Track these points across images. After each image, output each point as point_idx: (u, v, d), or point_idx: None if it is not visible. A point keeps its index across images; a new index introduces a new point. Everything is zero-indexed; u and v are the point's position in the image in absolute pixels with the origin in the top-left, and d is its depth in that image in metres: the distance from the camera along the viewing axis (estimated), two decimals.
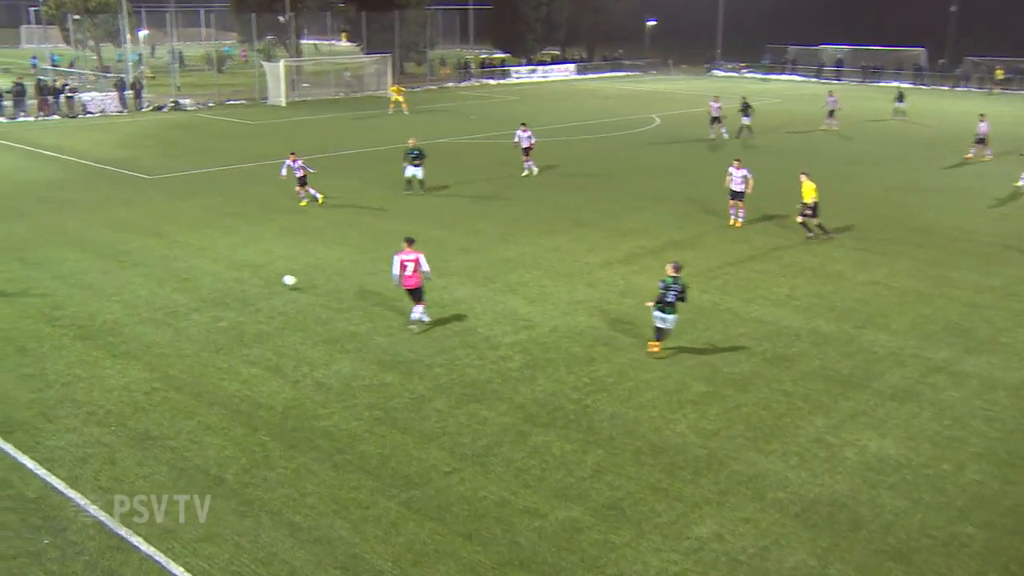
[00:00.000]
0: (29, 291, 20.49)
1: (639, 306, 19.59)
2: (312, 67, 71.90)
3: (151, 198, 30.38)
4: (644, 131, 47.84)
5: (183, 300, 19.93)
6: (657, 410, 14.84)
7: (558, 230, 26.40)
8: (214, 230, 26.09)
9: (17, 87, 52.36)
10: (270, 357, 16.79)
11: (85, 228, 26.26)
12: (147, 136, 44.72)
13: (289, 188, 30.11)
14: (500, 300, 20.15)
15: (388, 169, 35.33)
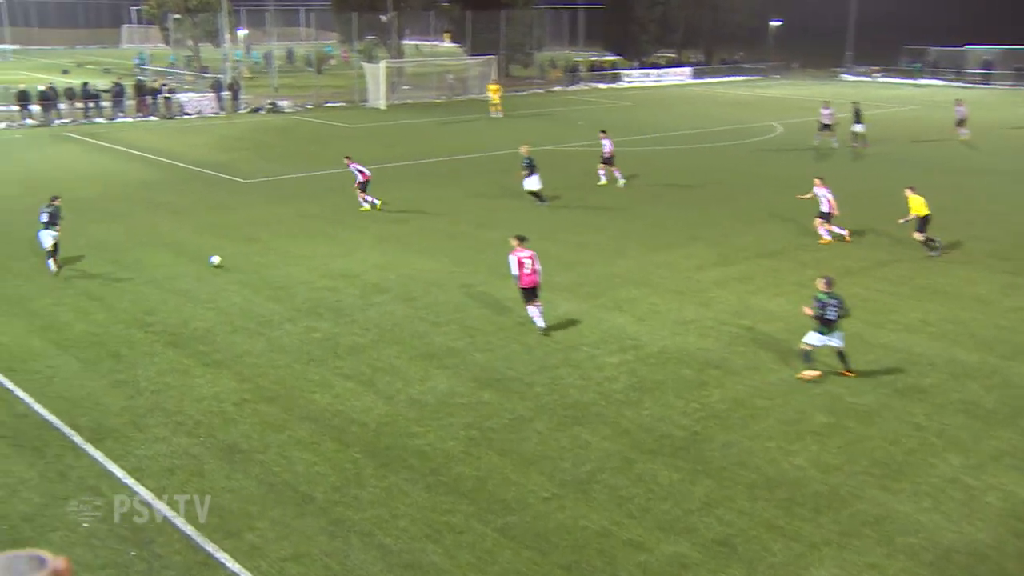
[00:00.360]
0: (123, 295, 21.39)
1: (755, 329, 19.28)
2: (413, 69, 73.27)
3: (246, 203, 31.39)
4: (764, 140, 47.13)
5: (277, 309, 20.51)
6: (774, 441, 14.56)
7: (669, 245, 26.21)
8: (310, 237, 26.78)
9: (116, 87, 54.84)
10: (364, 371, 17.12)
11: (179, 232, 27.28)
12: (243, 138, 46.23)
13: (382, 195, 30.68)
14: (606, 317, 20.11)
15: (490, 177, 35.70)
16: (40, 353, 17.88)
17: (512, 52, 78.42)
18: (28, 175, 35.86)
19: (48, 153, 41.52)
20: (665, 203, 31.66)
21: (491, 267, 23.66)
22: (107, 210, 30.07)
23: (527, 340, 18.70)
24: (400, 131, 49.90)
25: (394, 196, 32.11)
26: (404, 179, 35.60)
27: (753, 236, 27.22)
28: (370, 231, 27.43)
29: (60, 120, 51.12)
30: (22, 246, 25.51)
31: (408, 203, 31.23)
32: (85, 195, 32.26)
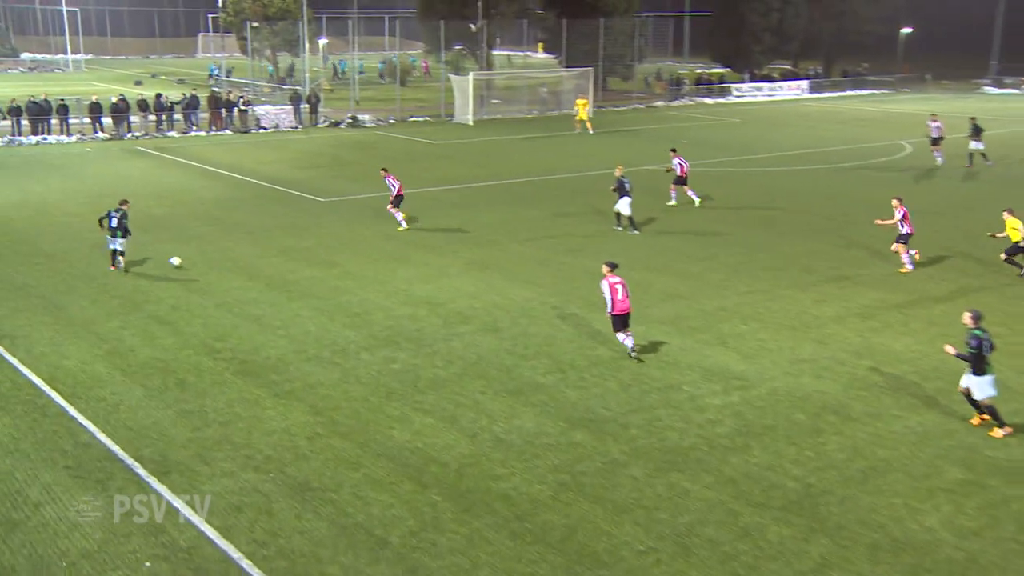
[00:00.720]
0: (192, 320, 21.94)
1: (878, 370, 18.85)
2: (504, 81, 73.99)
3: (324, 223, 31.98)
4: (890, 160, 46.23)
5: (353, 337, 20.79)
6: (900, 497, 14.16)
7: (782, 277, 25.85)
8: (391, 261, 27.13)
9: (190, 99, 56.54)
10: (446, 406, 17.22)
11: (253, 253, 27.92)
12: (322, 154, 47.19)
13: (470, 218, 30.95)
14: (709, 354, 19.90)
15: (584, 199, 35.76)
16: (105, 379, 18.42)
17: (611, 64, 78.61)
18: (98, 191, 37.12)
19: (118, 168, 42.97)
20: (776, 230, 31.27)
21: (584, 296, 23.64)
22: (178, 229, 30.94)
23: (622, 377, 18.60)
24: (488, 148, 50.35)
25: (482, 219, 32.40)
26: (493, 201, 35.85)
27: (876, 267, 26.70)
28: (456, 255, 27.66)
29: (132, 133, 52.94)
30: (90, 266, 26.39)
31: (496, 226, 31.44)
32: (155, 213, 33.27)
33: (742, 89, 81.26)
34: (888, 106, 73.96)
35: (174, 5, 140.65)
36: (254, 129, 56.58)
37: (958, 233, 30.82)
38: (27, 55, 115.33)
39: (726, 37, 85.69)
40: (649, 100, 75.70)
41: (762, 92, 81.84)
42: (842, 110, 71.13)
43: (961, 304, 23.22)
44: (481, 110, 64.83)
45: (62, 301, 23.27)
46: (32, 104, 52.31)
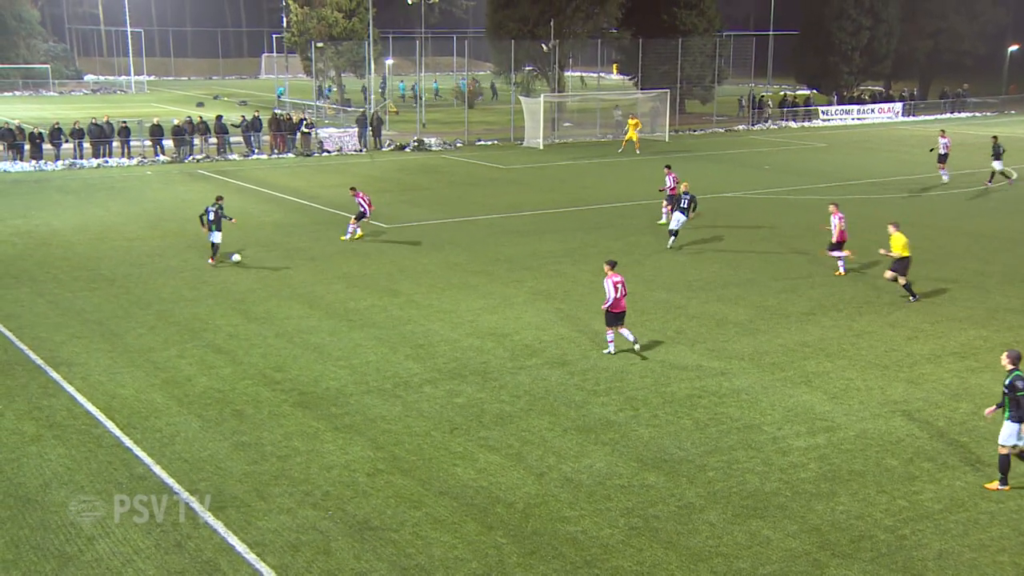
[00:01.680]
0: (251, 349, 22.27)
1: (978, 414, 18.45)
2: (576, 103, 74.20)
3: (388, 250, 32.30)
4: (992, 190, 45.41)
5: (416, 369, 20.93)
6: (1007, 554, 13.83)
7: (870, 311, 25.53)
8: (456, 290, 27.30)
9: (252, 122, 57.52)
10: (512, 443, 17.24)
11: (313, 281, 28.27)
12: (387, 179, 47.70)
13: (539, 246, 31.04)
14: (792, 393, 19.68)
15: (658, 227, 35.63)
16: (161, 409, 18.75)
17: (689, 85, 78.49)
18: (157, 216, 37.95)
19: (179, 192, 43.87)
20: (869, 262, 30.84)
21: (658, 329, 23.57)
22: None
23: (699, 415, 18.47)
24: (559, 173, 50.49)
25: (550, 247, 32.49)
26: (562, 228, 35.92)
27: (974, 302, 26.23)
28: (522, 285, 27.75)
29: (193, 156, 54.06)
30: (147, 291, 26.94)
31: (565, 255, 31.48)
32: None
33: (829, 112, 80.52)
34: (992, 130, 72.58)
35: (237, 25, 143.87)
36: (317, 153, 57.43)
37: None
38: (91, 77, 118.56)
39: (813, 57, 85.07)
40: (730, 124, 75.39)
41: (851, 115, 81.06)
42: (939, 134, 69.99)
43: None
44: (552, 134, 65.07)
45: (119, 328, 23.77)
46: (94, 127, 53.69)
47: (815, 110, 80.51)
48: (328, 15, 75.82)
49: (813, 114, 79.83)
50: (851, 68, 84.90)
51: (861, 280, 28.58)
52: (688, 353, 22.05)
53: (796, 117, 78.91)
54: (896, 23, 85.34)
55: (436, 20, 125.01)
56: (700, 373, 20.72)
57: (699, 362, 21.34)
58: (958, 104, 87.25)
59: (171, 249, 32.10)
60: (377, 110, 65.41)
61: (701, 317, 24.80)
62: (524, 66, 75.28)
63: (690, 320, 24.53)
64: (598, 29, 78.25)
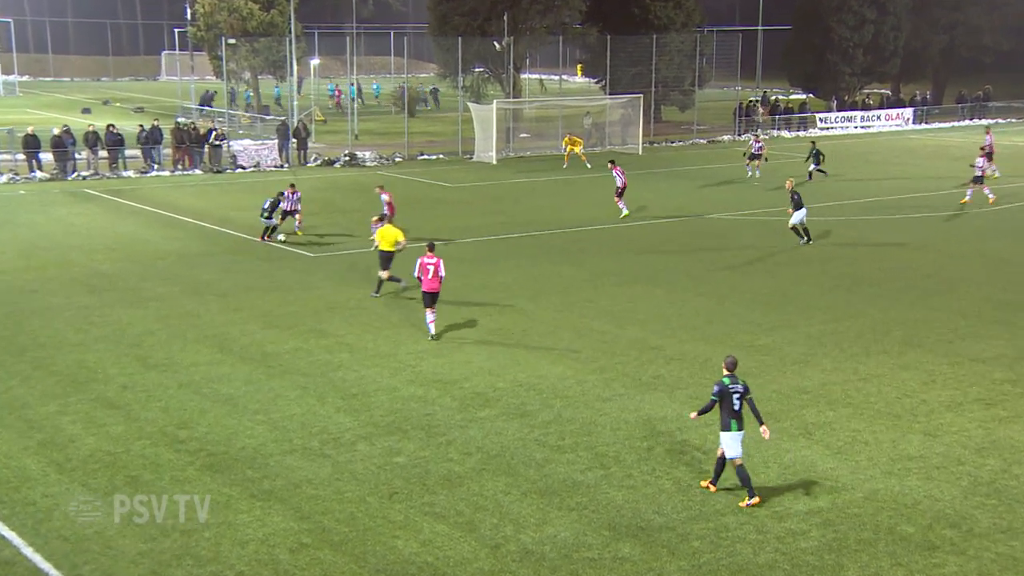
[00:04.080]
0: (149, 402, 22.03)
1: (1008, 471, 18.65)
2: (535, 111, 74.49)
3: (314, 283, 32.20)
4: (1016, 209, 46.13)
5: (348, 423, 20.83)
6: None
7: (878, 351, 25.77)
8: (395, 330, 27.24)
9: (149, 132, 56.92)
10: (462, 509, 17.18)
11: (226, 320, 28.10)
12: (313, 199, 47.48)
13: (491, 277, 31.05)
14: (789, 448, 19.78)
15: (635, 254, 35.82)
16: (36, 477, 18.42)
17: (666, 89, 79.11)
18: (32, 244, 37.44)
19: (59, 215, 43.44)
20: (865, 293, 31.19)
21: (631, 374, 23.65)
22: (133, 290, 31.20)
23: (680, 474, 18.52)
24: (514, 192, 50.67)
25: (505, 278, 32.56)
26: (519, 256, 36.02)
27: (1000, 340, 26.56)
28: (474, 323, 27.75)
29: (78, 172, 53.54)
30: (21, 335, 26.60)
31: (523, 287, 31.54)
32: (104, 269, 33.63)
33: (828, 119, 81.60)
34: (1019, 138, 73.89)
35: (131, 17, 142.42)
36: (230, 168, 57.19)
37: None
38: None
39: (808, 56, 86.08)
40: (714, 134, 76.07)
41: (854, 123, 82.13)
42: (957, 144, 71.14)
43: None
44: (507, 146, 65.31)
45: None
46: None
47: (811, 117, 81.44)
48: (241, 6, 75.39)
49: (809, 122, 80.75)
50: (853, 68, 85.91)
51: (863, 315, 28.88)
52: (667, 402, 22.14)
53: (790, 126, 79.76)
54: (905, 16, 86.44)
55: (370, 13, 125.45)
56: (682, 425, 20.78)
57: (680, 412, 21.38)
58: (978, 109, 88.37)
59: (51, 284, 31.76)
60: (302, 118, 65.30)
61: (682, 359, 24.92)
62: (473, 67, 75.60)
63: (669, 363, 24.65)
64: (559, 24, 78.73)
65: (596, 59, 79.04)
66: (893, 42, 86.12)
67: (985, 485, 18.33)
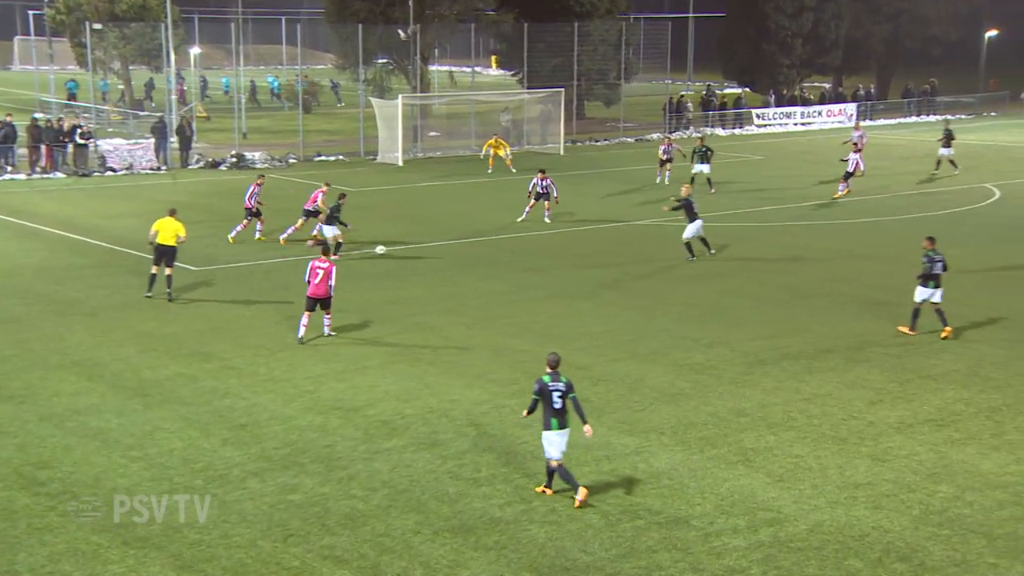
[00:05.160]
0: (2, 439, 21.50)
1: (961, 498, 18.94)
2: (445, 107, 74.43)
3: (198, 301, 31.87)
4: (973, 211, 46.98)
5: (237, 458, 20.61)
6: None
7: (822, 368, 26.07)
8: (290, 352, 27.06)
9: (2, 129, 55.82)
10: (366, 552, 17.09)
11: (95, 343, 27.71)
12: (195, 206, 47.06)
13: (399, 292, 31.01)
14: (727, 476, 19.91)
15: (559, 266, 35.93)
16: None
17: (589, 83, 79.45)
18: None
19: None
20: (806, 305, 31.57)
21: None
22: None
23: (609, 508, 18.58)
24: (423, 197, 50.60)
25: (413, 293, 32.50)
26: (428, 267, 35.98)
27: (952, 355, 27.01)
28: (379, 343, 27.67)
29: None
30: None
31: (435, 302, 31.49)
32: None
33: (766, 115, 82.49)
34: (968, 136, 75.13)
35: None
36: (98, 171, 56.38)
37: None
38: None
39: (743, 47, 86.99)
40: (641, 131, 76.48)
41: (793, 120, 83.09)
42: (903, 142, 72.34)
43: None
44: (414, 146, 65.23)
45: None
46: None
47: (748, 113, 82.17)
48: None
49: (746, 118, 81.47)
50: (792, 60, 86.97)
51: (806, 329, 29.22)
52: (594, 427, 22.15)
53: (725, 123, 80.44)
54: (847, 4, 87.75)
55: None
56: (609, 453, 20.86)
57: (608, 439, 21.47)
58: (925, 104, 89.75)
59: None
60: (183, 114, 64.61)
61: (609, 380, 25.02)
62: (376, 58, 75.28)
63: (595, 384, 24.72)
64: (471, 11, 78.81)
65: (512, 49, 79.12)
66: (834, 31, 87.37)
67: (937, 514, 18.58)
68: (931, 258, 28.08)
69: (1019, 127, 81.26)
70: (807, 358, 26.77)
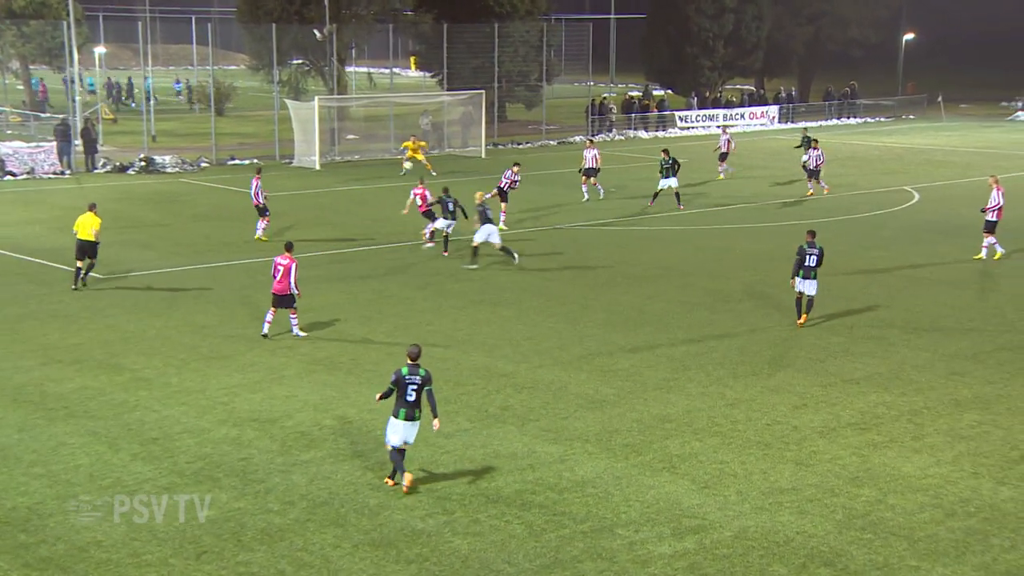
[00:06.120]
0: None
1: (883, 502, 19.16)
2: (363, 109, 74.24)
3: (105, 311, 31.50)
4: (892, 214, 47.61)
5: (147, 473, 20.37)
6: None
7: (746, 373, 26.29)
8: (203, 363, 26.82)
9: None
10: (284, 568, 16.99)
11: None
12: (103, 213, 46.43)
13: (315, 299, 30.94)
14: (652, 483, 20.00)
15: (484, 272, 35.93)
16: None
17: (510, 85, 79.61)
18: None
19: None
20: (732, 310, 31.84)
21: (477, 405, 23.70)
22: None
23: (532, 518, 18.59)
24: (341, 202, 50.45)
25: (331, 300, 32.33)
26: (347, 274, 35.85)
27: (874, 357, 27.36)
28: (296, 352, 27.51)
29: None
30: None
31: (354, 309, 31.39)
32: None
33: (689, 118, 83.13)
34: (887, 139, 76.45)
35: None
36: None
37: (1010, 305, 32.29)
38: None
39: (665, 48, 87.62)
40: (563, 134, 76.77)
41: (715, 122, 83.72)
42: (824, 144, 73.01)
43: (996, 408, 23.95)
44: (331, 149, 65.00)
45: None
46: None
47: (670, 116, 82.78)
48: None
49: (668, 121, 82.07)
50: (714, 62, 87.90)
51: (729, 335, 29.46)
52: (517, 436, 22.21)
53: (647, 125, 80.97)
54: (768, 6, 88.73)
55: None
56: (534, 461, 20.87)
57: (532, 447, 21.52)
58: (846, 107, 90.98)
59: None
60: (88, 116, 63.84)
61: (533, 387, 25.06)
62: (291, 59, 75.03)
63: (519, 392, 24.77)
64: (389, 10, 78.81)
65: (432, 51, 79.21)
66: (756, 33, 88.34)
67: (860, 518, 18.78)
68: (803, 250, 29.49)
69: (936, 130, 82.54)
70: (731, 363, 26.98)
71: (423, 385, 19.50)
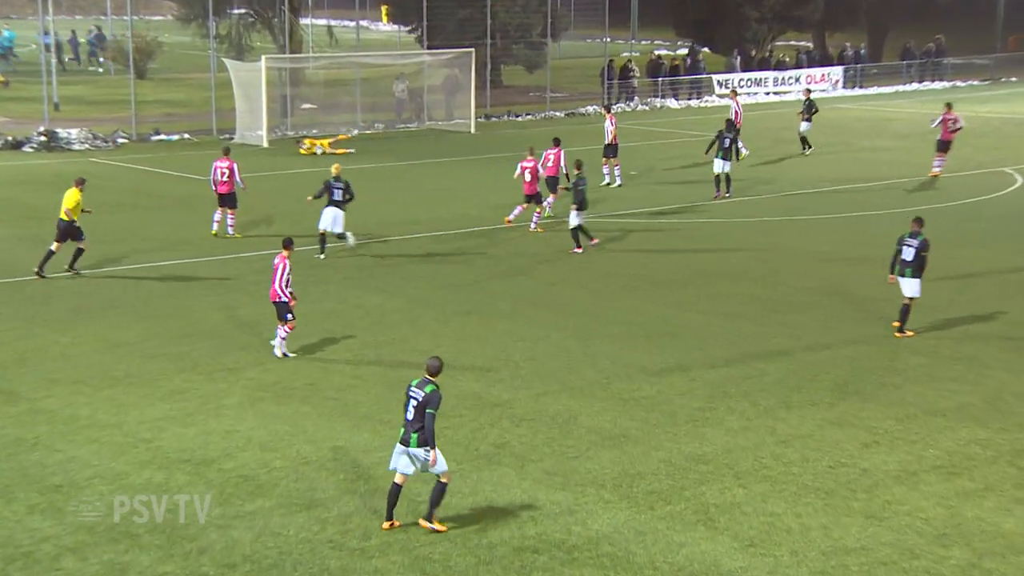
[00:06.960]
0: None
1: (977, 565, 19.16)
2: (323, 72, 74.06)
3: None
4: (988, 202, 47.52)
5: (49, 530, 20.31)
6: None
7: (802, 402, 26.26)
8: (120, 388, 26.81)
9: None
10: None
11: None
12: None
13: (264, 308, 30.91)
14: (683, 540, 19.98)
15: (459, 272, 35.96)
16: None
17: (507, 42, 79.30)
18: None
19: None
20: (782, 321, 31.81)
21: (465, 444, 23.65)
22: None
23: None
24: (292, 188, 50.32)
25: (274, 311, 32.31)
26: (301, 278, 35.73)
27: (966, 383, 27.33)
28: (239, 375, 27.51)
29: None
30: None
31: (309, 324, 31.32)
32: None
33: (730, 83, 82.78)
34: (981, 107, 76.08)
35: None
36: None
37: None
38: None
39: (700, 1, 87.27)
40: (574, 103, 76.39)
41: (764, 88, 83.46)
42: (902, 115, 73.04)
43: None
44: (283, 122, 64.93)
45: None
46: None
47: (707, 80, 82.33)
48: None
49: (705, 87, 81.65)
50: (762, 12, 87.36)
51: (781, 352, 29.41)
52: (515, 480, 22.18)
53: (678, 93, 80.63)
54: None
55: None
56: (536, 513, 20.84)
57: (533, 494, 21.51)
58: (928, 68, 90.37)
59: None
60: None
61: (535, 420, 25.05)
62: (231, 9, 74.79)
63: (518, 425, 24.78)
64: None
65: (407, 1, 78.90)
66: None
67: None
68: (901, 240, 30.57)
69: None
70: (784, 389, 26.93)
71: (423, 405, 19.53)
